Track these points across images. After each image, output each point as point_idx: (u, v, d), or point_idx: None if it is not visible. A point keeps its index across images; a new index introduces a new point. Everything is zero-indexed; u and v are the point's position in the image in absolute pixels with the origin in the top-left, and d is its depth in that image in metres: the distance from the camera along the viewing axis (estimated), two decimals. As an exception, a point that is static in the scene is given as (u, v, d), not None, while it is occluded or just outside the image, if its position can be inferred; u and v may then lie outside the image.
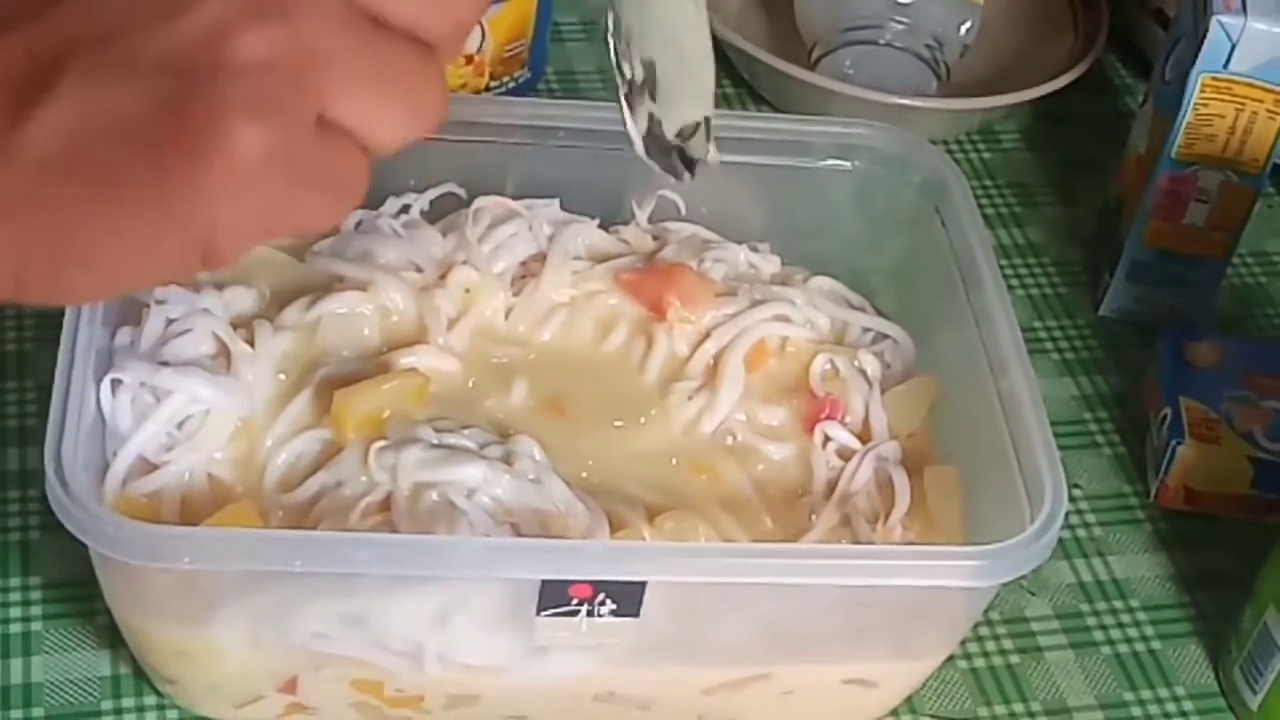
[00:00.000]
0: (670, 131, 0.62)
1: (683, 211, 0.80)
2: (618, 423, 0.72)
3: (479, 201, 0.77)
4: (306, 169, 0.41)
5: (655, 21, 0.59)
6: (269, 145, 0.39)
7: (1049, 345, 0.90)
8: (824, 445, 0.73)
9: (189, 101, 0.39)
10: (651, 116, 0.61)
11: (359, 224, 0.77)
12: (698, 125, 0.62)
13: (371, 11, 0.41)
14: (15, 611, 0.71)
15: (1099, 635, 0.77)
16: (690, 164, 0.63)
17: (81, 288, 0.41)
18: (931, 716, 0.73)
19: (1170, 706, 0.74)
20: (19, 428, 0.77)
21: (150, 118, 0.39)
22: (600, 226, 0.79)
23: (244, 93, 0.39)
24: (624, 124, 0.61)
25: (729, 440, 0.73)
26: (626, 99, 0.60)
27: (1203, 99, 0.84)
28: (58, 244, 0.40)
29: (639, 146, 0.61)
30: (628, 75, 0.60)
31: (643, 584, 0.61)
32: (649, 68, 0.60)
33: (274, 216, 0.41)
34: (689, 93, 0.61)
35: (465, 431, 0.68)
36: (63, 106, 0.39)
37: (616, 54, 0.59)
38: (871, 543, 0.69)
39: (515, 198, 0.78)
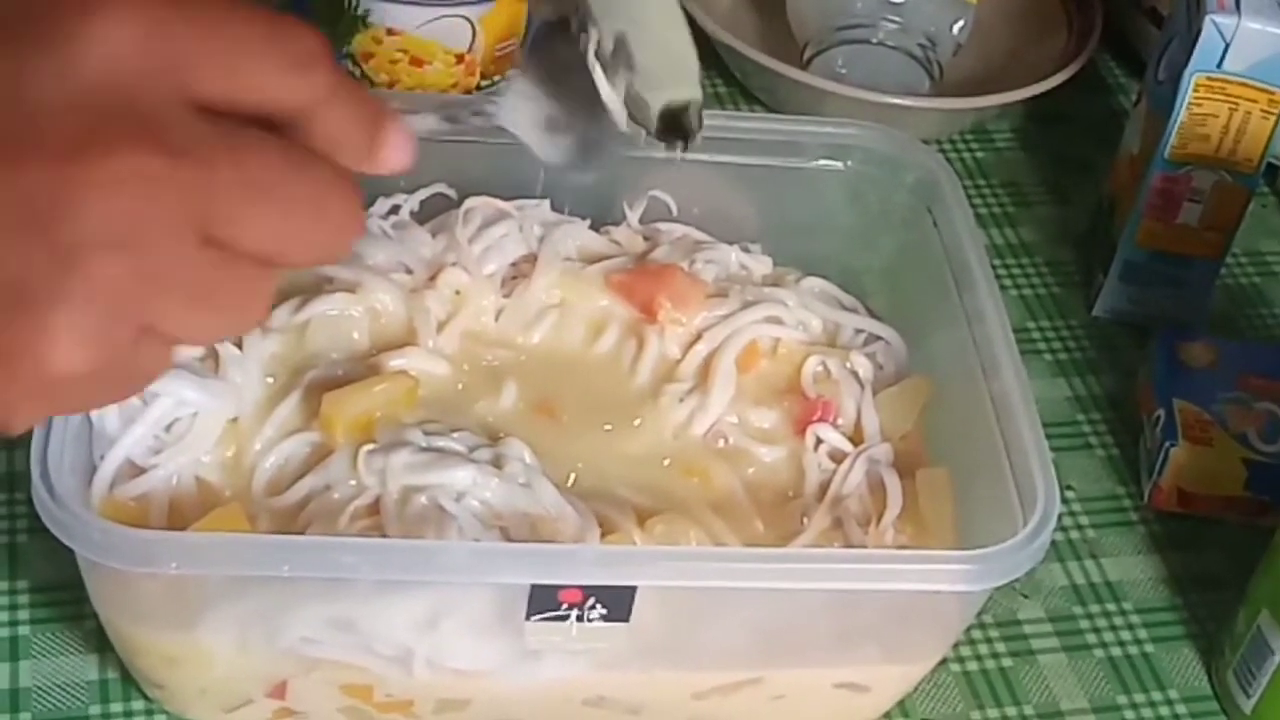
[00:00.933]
0: (656, 107, 0.60)
1: (674, 212, 0.80)
2: (608, 425, 0.72)
3: (469, 202, 0.77)
4: (114, 376, 0.43)
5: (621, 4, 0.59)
6: (81, 366, 0.41)
7: (1042, 346, 0.90)
8: (816, 447, 0.73)
9: (19, 315, 0.40)
10: (630, 86, 0.59)
11: (348, 225, 0.76)
12: (686, 105, 0.61)
13: (222, 241, 0.42)
14: (2, 615, 0.71)
15: (1092, 638, 0.76)
16: (684, 137, 0.61)
17: None
18: (924, 720, 0.72)
19: (1163, 710, 0.74)
20: (6, 430, 0.77)
21: None
22: (591, 227, 0.79)
23: (73, 320, 0.40)
24: (600, 90, 0.58)
25: (720, 443, 0.73)
26: (599, 65, 0.58)
27: (1196, 99, 0.84)
28: None
29: (619, 116, 0.59)
30: (595, 47, 0.58)
31: (633, 589, 0.60)
32: (620, 42, 0.58)
33: (73, 410, 0.46)
34: (671, 73, 0.61)
35: (455, 435, 0.68)
36: None
37: (577, 25, 0.58)
38: (863, 545, 0.69)
39: (506, 198, 0.77)
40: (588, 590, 0.60)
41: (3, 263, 0.40)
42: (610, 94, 0.58)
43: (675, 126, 0.60)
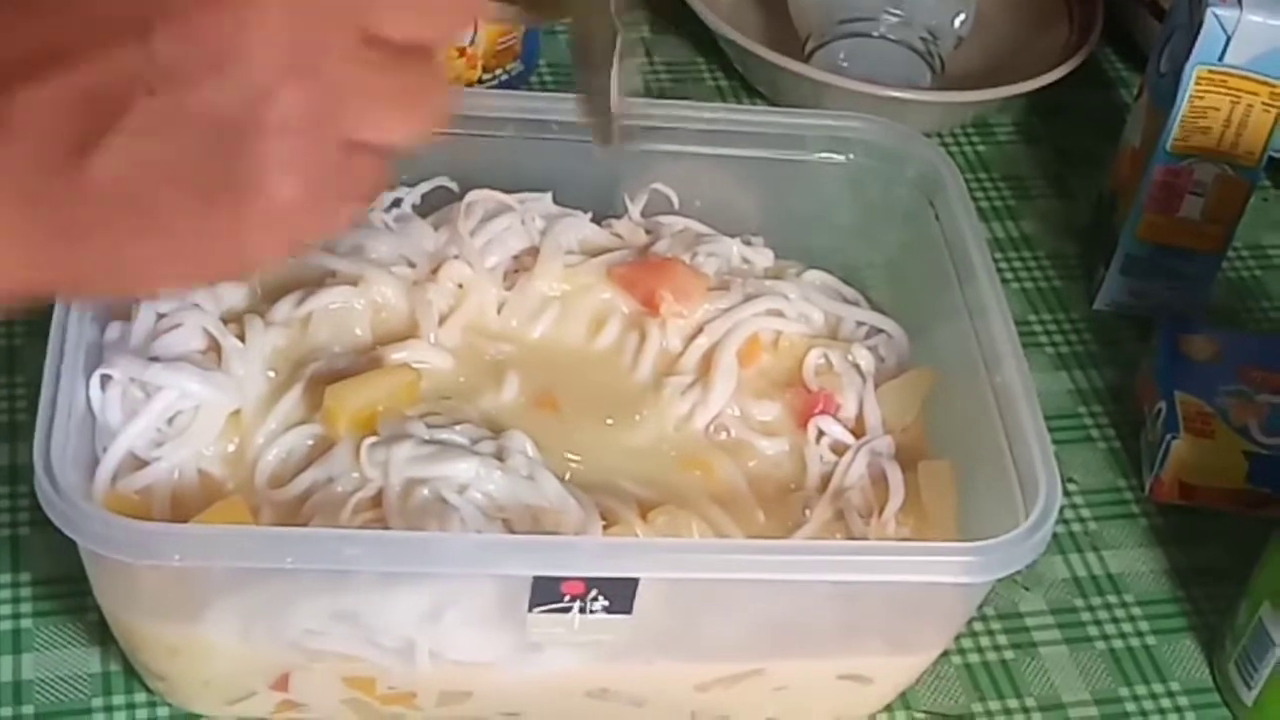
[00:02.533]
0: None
1: (676, 205, 0.80)
2: (610, 418, 0.72)
3: (471, 195, 0.77)
4: (333, 192, 0.46)
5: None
6: (301, 189, 0.44)
7: (1043, 339, 0.90)
8: (817, 440, 0.73)
9: (234, 155, 0.43)
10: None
11: (350, 218, 0.76)
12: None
13: (380, 38, 0.45)
14: (5, 608, 0.71)
15: (1093, 630, 0.77)
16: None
17: (132, 293, 0.49)
18: (926, 713, 0.72)
19: (1165, 702, 0.74)
20: (9, 423, 0.77)
21: (199, 167, 0.43)
22: (593, 220, 0.79)
23: (281, 147, 0.44)
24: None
25: (722, 435, 0.73)
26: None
27: (1198, 91, 0.84)
28: (112, 264, 0.45)
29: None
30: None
31: (635, 580, 0.60)
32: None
33: (304, 236, 0.46)
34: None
35: (457, 427, 0.68)
36: (120, 148, 0.43)
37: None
38: (865, 538, 0.69)
39: (508, 191, 0.77)
40: (590, 582, 0.60)
41: (200, 109, 0.43)
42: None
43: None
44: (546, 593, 0.60)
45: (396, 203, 0.78)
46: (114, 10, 0.42)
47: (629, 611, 0.61)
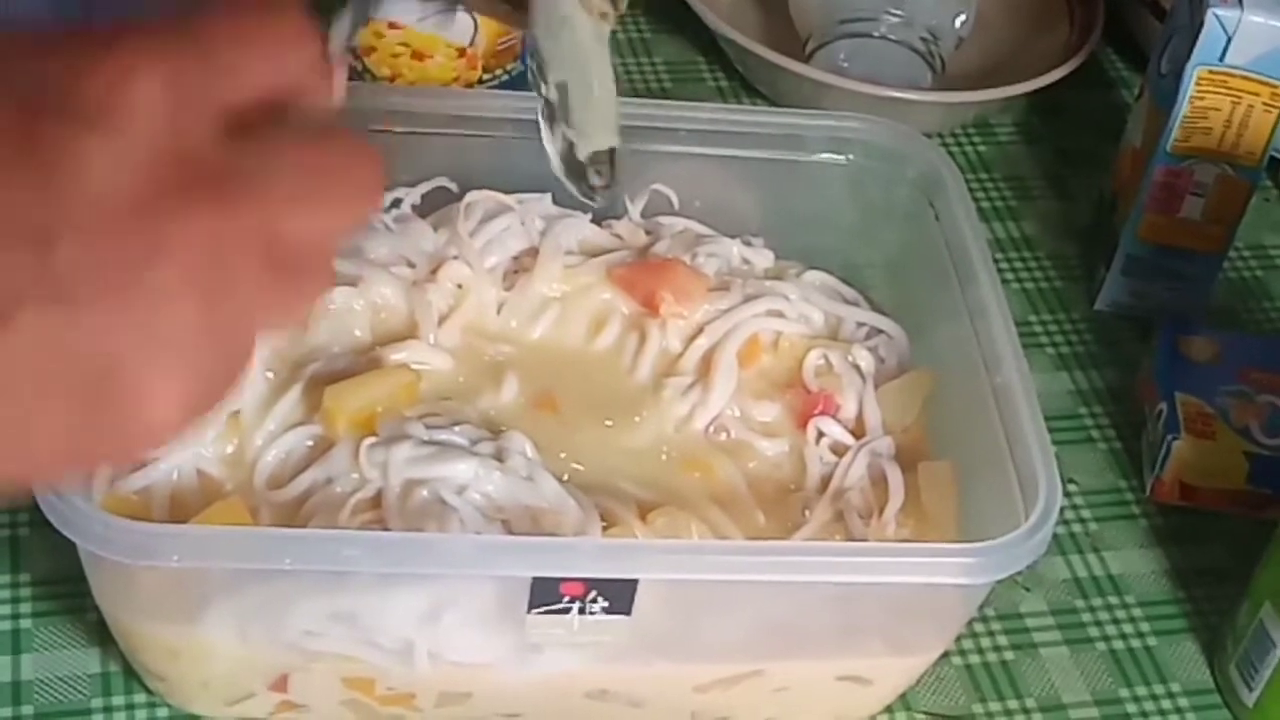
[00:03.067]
0: (583, 156, 0.65)
1: (676, 206, 0.80)
2: (609, 419, 0.72)
3: (471, 196, 0.77)
4: (213, 394, 0.44)
5: (567, 50, 0.63)
6: (185, 400, 0.43)
7: (1044, 340, 0.90)
8: (817, 441, 0.73)
9: (120, 373, 0.42)
10: (564, 138, 0.65)
11: (350, 219, 0.76)
12: (609, 153, 0.66)
13: (281, 244, 0.44)
14: (4, 609, 0.71)
15: (1094, 631, 0.76)
16: (594, 189, 0.66)
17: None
18: (926, 714, 0.72)
19: (1166, 703, 0.74)
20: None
21: (80, 384, 0.42)
22: (593, 221, 0.79)
23: (170, 364, 0.42)
24: (541, 140, 0.65)
25: (722, 436, 0.73)
26: (545, 117, 0.64)
27: (1199, 92, 0.83)
28: None
29: (555, 165, 0.65)
30: (544, 94, 0.64)
31: (634, 582, 0.60)
32: (562, 91, 0.64)
33: (179, 435, 0.45)
34: (599, 123, 0.65)
35: (456, 428, 0.68)
36: (1, 352, 0.41)
37: (533, 75, 0.64)
38: (865, 538, 0.69)
39: (507, 192, 0.77)
40: (589, 583, 0.60)
41: (93, 330, 0.41)
42: (550, 146, 0.65)
43: (598, 169, 0.66)
44: (546, 594, 0.60)
45: (396, 203, 0.78)
46: (18, 213, 0.41)
47: (628, 613, 0.61)
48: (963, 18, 1.01)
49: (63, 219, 0.41)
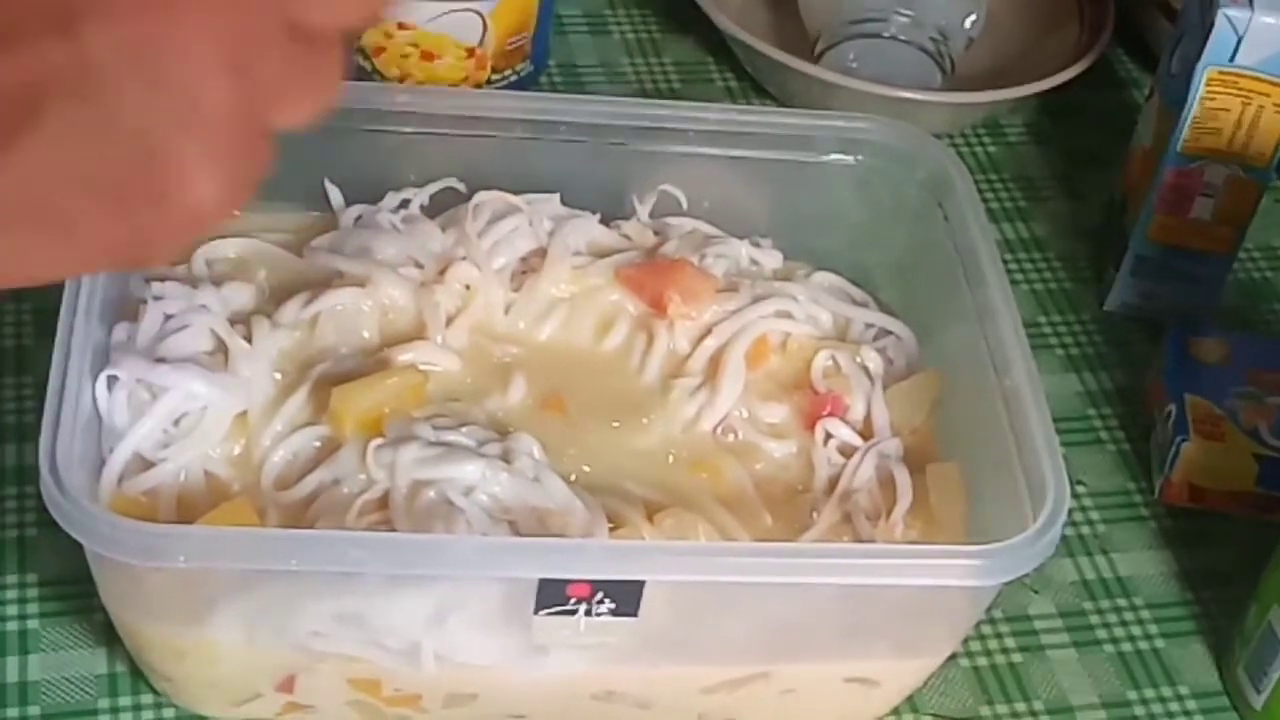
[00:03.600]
0: None
1: (684, 206, 0.80)
2: (616, 421, 0.72)
3: (479, 196, 0.77)
4: (247, 179, 0.44)
5: None
6: (222, 188, 0.43)
7: (1053, 341, 0.90)
8: (825, 442, 0.73)
9: (156, 162, 0.42)
10: None
11: (358, 219, 0.77)
12: None
13: (300, 27, 0.44)
14: (12, 609, 0.71)
15: (1102, 633, 0.76)
16: None
17: (16, 285, 0.45)
18: (934, 715, 0.72)
19: (1174, 705, 0.74)
20: (16, 424, 0.77)
21: (118, 176, 0.41)
22: (601, 221, 0.79)
23: (205, 149, 0.42)
24: None
25: (730, 437, 0.73)
26: None
27: (1209, 92, 0.83)
28: (8, 261, 0.43)
29: None
30: None
31: (641, 583, 0.60)
32: None
33: (214, 225, 0.45)
34: None
35: (464, 429, 0.68)
36: (33, 153, 0.41)
37: None
38: (873, 540, 0.69)
39: (516, 192, 0.77)
40: (596, 585, 0.60)
41: (127, 113, 0.41)
42: None
43: None
44: (552, 595, 0.60)
45: (404, 204, 0.78)
46: None
47: (635, 614, 0.61)
48: (972, 18, 1.01)
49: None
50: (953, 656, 0.72)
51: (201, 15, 0.41)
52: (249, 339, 0.70)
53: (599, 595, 0.60)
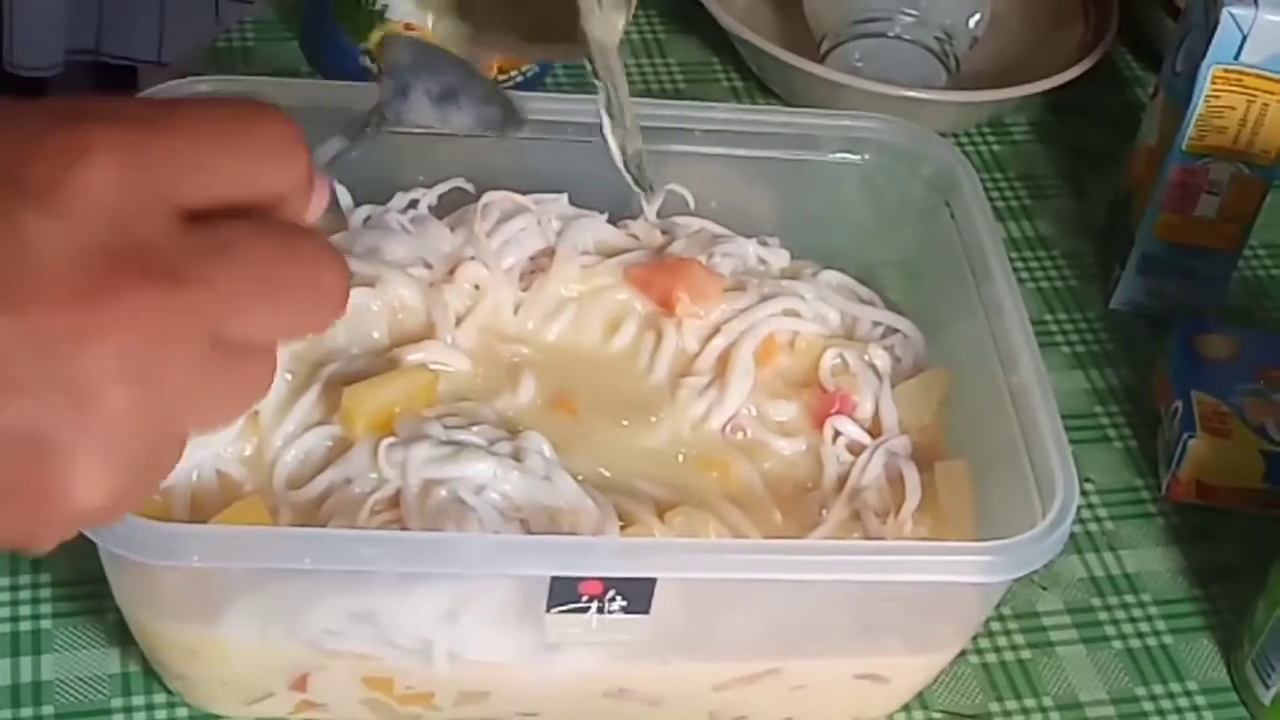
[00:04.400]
0: (632, 152, 0.71)
1: (692, 206, 0.80)
2: (626, 420, 0.72)
3: (487, 196, 0.77)
4: (134, 492, 0.43)
5: (604, 65, 0.68)
6: (109, 494, 0.42)
7: (1059, 338, 0.90)
8: (834, 440, 0.73)
9: (42, 461, 0.41)
10: (621, 137, 0.70)
11: (367, 220, 0.77)
12: (640, 153, 0.71)
13: (224, 340, 0.43)
14: (25, 609, 0.71)
15: (1110, 630, 0.76)
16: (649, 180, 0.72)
17: None
18: (943, 712, 0.72)
19: (1182, 701, 0.74)
20: (28, 425, 0.77)
21: (2, 468, 0.41)
22: (609, 221, 0.79)
23: (95, 454, 0.41)
24: (605, 136, 0.70)
25: (739, 436, 0.73)
26: (608, 113, 0.69)
27: (1214, 91, 0.84)
28: None
29: (621, 160, 0.71)
30: (605, 104, 0.69)
31: (653, 580, 0.60)
32: (611, 99, 0.69)
33: (96, 524, 0.44)
34: (635, 125, 0.70)
35: (474, 428, 0.68)
36: None
37: (601, 92, 0.70)
38: (882, 538, 0.69)
39: (524, 192, 0.77)
40: (608, 582, 0.60)
41: (23, 412, 0.40)
42: (613, 141, 0.70)
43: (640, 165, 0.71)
44: (564, 593, 0.60)
45: (413, 204, 0.78)
46: None
47: (646, 611, 0.61)
48: (977, 17, 1.01)
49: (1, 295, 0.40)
50: (962, 653, 0.72)
51: (119, 323, 0.40)
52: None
53: (611, 593, 0.60)
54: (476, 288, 0.75)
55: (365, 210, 0.77)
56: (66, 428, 0.41)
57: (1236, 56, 0.82)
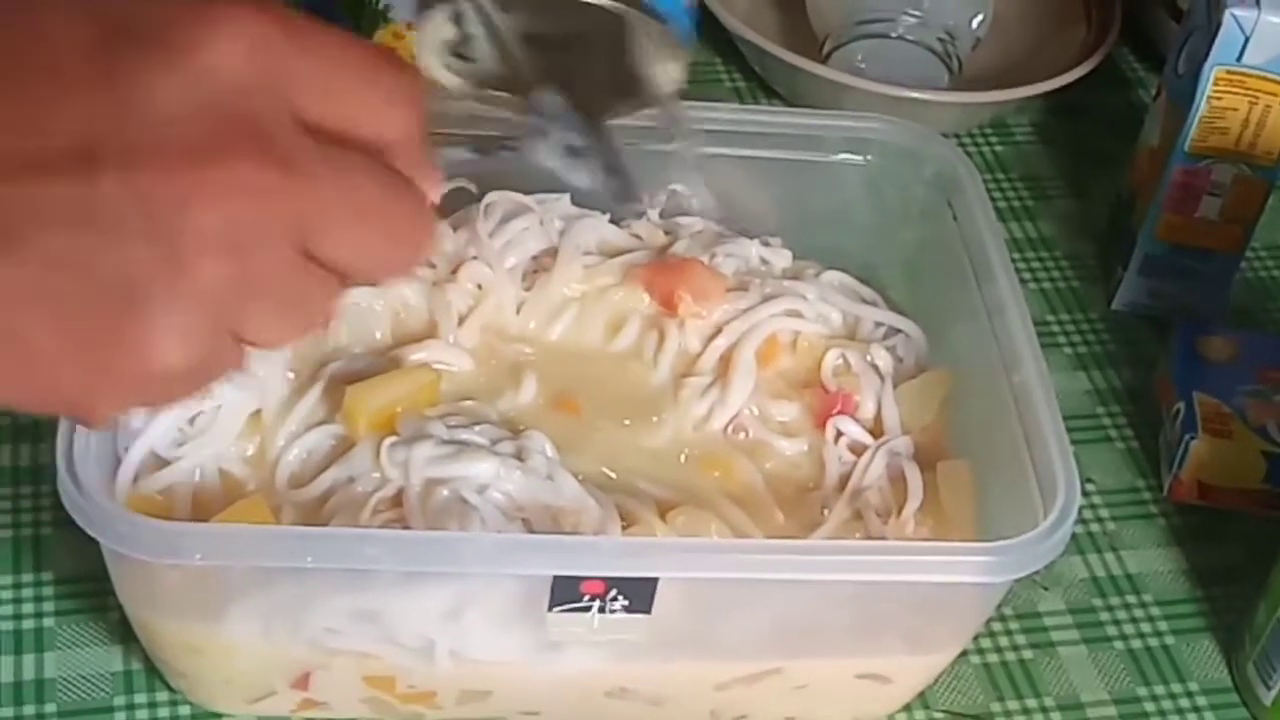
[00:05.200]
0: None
1: (694, 206, 0.80)
2: (628, 419, 0.72)
3: (490, 196, 0.77)
4: (195, 374, 0.44)
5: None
6: (179, 363, 0.43)
7: (1061, 339, 0.90)
8: (836, 440, 0.73)
9: (130, 314, 0.42)
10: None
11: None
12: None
13: (313, 254, 0.44)
14: (28, 607, 0.71)
15: (1112, 630, 0.77)
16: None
17: None
18: (945, 712, 0.72)
19: (1184, 702, 0.74)
20: (32, 423, 0.77)
21: (89, 318, 0.42)
22: (612, 221, 0.79)
23: (177, 319, 0.42)
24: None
25: (741, 436, 0.73)
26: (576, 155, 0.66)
27: (1216, 92, 0.84)
28: None
29: (600, 187, 0.66)
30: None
31: (654, 580, 0.61)
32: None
33: (150, 401, 0.46)
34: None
35: (477, 428, 0.68)
36: (14, 276, 0.41)
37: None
38: (884, 538, 0.69)
39: (526, 192, 0.78)
40: (610, 582, 0.60)
41: (120, 260, 0.41)
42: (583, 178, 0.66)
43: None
44: (566, 592, 0.60)
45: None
46: (72, 126, 0.41)
47: (648, 611, 0.61)
48: (980, 18, 1.02)
49: (114, 142, 0.41)
50: (964, 653, 0.72)
51: (224, 192, 0.41)
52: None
53: (613, 592, 0.60)
54: (479, 287, 0.75)
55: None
56: (159, 284, 0.42)
57: (1239, 58, 0.82)
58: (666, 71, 0.65)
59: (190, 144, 0.41)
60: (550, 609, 0.61)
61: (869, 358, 0.75)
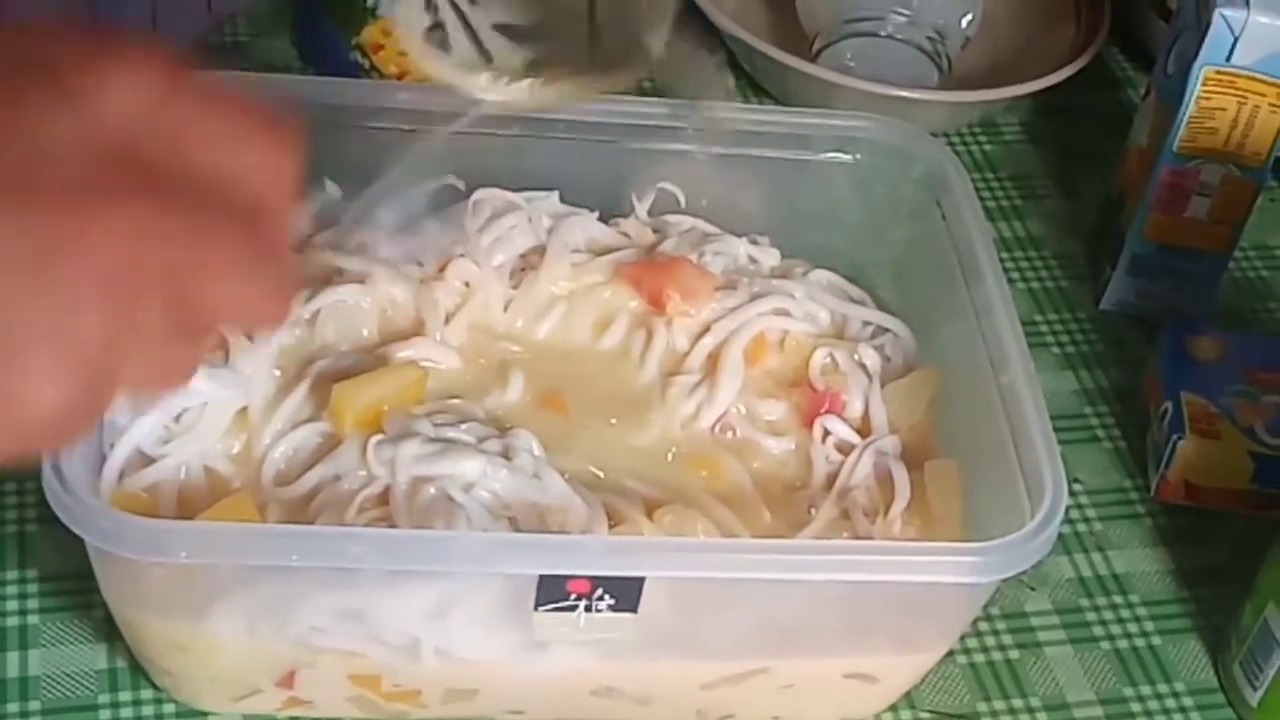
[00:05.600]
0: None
1: (682, 204, 0.80)
2: (615, 418, 0.72)
3: (478, 194, 0.77)
4: (71, 422, 0.44)
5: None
6: (58, 406, 0.43)
7: (1049, 339, 0.90)
8: (823, 439, 0.73)
9: (13, 358, 0.42)
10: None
11: (356, 217, 0.77)
12: None
13: (188, 308, 0.45)
14: (12, 605, 0.71)
15: (1099, 630, 0.77)
16: None
17: None
18: (931, 712, 0.72)
19: (1170, 702, 0.74)
20: (16, 420, 0.77)
21: None
22: (600, 219, 0.79)
23: (60, 362, 0.42)
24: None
25: (728, 434, 0.73)
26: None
27: (1205, 92, 0.84)
28: None
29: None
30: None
31: (641, 579, 0.60)
32: None
33: (31, 447, 0.45)
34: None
35: (463, 426, 0.68)
36: None
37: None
38: (871, 537, 0.69)
39: (515, 190, 0.77)
40: (596, 581, 0.60)
41: (6, 302, 0.41)
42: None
43: None
44: (552, 591, 0.60)
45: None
46: None
47: (635, 610, 0.61)
48: (969, 17, 1.02)
49: (3, 177, 0.41)
50: (950, 653, 0.72)
51: (112, 239, 0.42)
52: (249, 335, 0.70)
53: (599, 591, 0.60)
54: (467, 285, 0.75)
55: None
56: (37, 319, 0.42)
57: (1228, 58, 0.82)
58: (654, 39, 0.65)
59: (81, 181, 0.41)
60: (536, 608, 0.61)
61: (857, 357, 0.75)
